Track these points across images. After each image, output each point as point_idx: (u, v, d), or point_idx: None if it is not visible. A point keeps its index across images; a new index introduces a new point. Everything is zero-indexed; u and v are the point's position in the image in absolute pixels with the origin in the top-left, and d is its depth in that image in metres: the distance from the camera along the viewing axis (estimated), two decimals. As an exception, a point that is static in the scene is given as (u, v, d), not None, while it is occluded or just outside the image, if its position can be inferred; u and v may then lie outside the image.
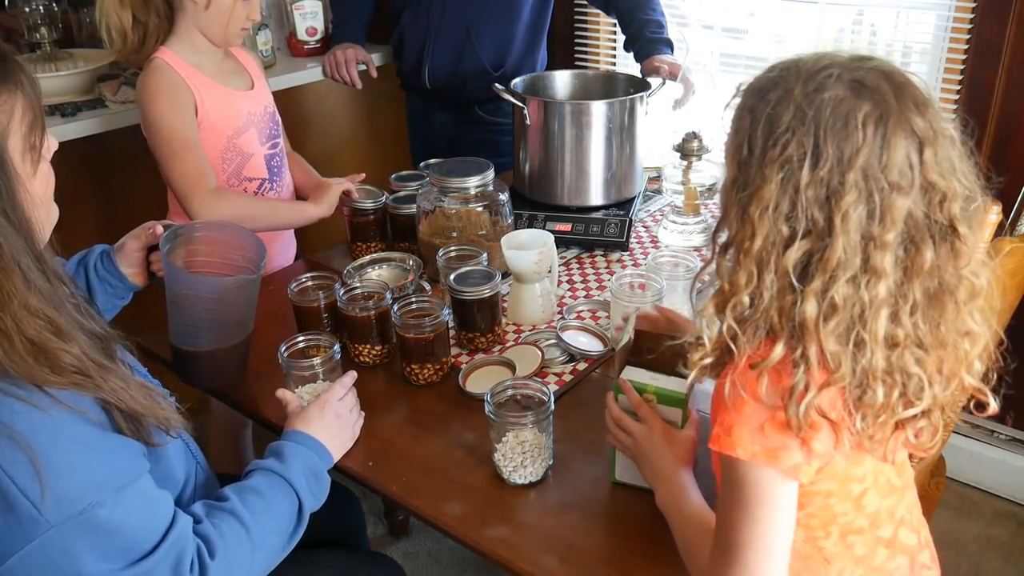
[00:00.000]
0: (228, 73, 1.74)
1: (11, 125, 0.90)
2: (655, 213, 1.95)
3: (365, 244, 1.76)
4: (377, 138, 2.88)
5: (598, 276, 1.67)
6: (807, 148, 0.77)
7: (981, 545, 2.10)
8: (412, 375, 1.34)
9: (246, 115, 1.73)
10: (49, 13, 2.26)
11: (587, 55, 2.76)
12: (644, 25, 2.09)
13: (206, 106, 1.66)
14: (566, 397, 1.31)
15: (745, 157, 0.81)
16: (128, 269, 1.31)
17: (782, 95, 0.80)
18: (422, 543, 2.16)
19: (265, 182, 1.79)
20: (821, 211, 0.77)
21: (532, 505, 1.11)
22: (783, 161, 0.78)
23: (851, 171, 0.76)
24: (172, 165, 1.62)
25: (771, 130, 0.79)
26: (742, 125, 0.83)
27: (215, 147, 1.69)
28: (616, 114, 1.74)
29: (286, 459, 1.09)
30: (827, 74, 0.79)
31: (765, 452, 0.81)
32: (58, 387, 0.85)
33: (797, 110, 0.78)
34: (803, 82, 0.79)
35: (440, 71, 2.25)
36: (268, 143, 1.79)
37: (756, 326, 0.81)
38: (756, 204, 0.79)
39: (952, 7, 2.04)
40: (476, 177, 1.59)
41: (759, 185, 0.79)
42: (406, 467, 1.18)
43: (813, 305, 0.78)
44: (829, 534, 0.92)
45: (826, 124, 0.77)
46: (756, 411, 0.81)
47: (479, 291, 1.37)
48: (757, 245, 0.79)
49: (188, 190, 1.61)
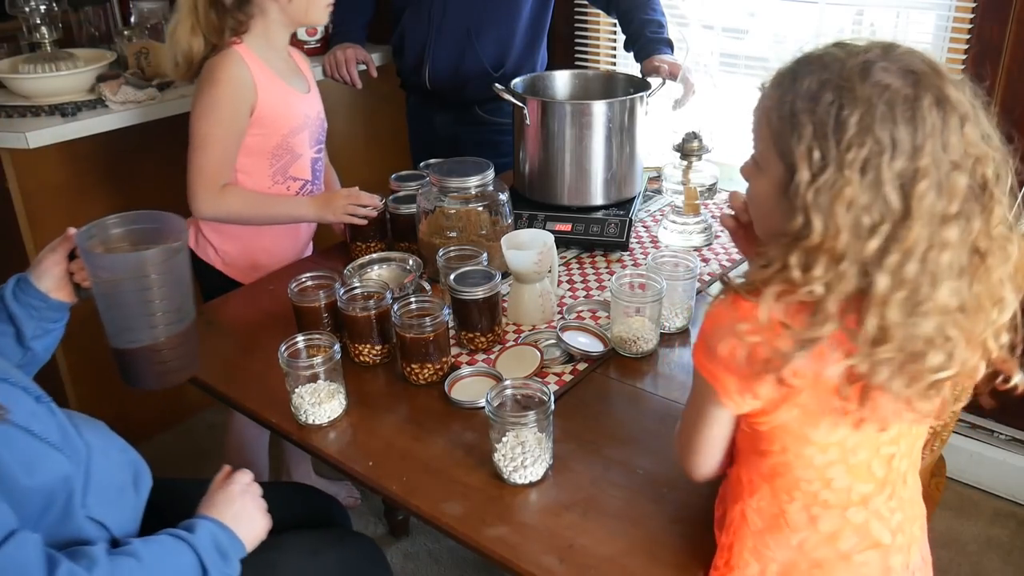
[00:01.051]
0: (289, 73, 1.77)
1: None
2: (655, 213, 1.95)
3: (364, 244, 1.77)
4: (377, 138, 2.88)
5: (598, 276, 1.67)
6: (885, 143, 0.80)
7: (981, 545, 2.10)
8: (412, 375, 1.34)
9: (302, 117, 1.77)
10: (49, 13, 2.26)
11: (587, 55, 2.76)
12: (644, 25, 2.09)
13: (269, 101, 1.69)
14: (566, 397, 1.31)
15: (818, 160, 0.82)
16: (47, 284, 1.20)
17: (841, 94, 0.82)
18: (422, 543, 2.16)
19: (308, 183, 1.83)
20: (898, 197, 0.80)
21: (532, 505, 1.11)
22: (864, 160, 0.80)
23: (923, 157, 0.80)
24: (198, 153, 1.65)
25: (842, 131, 0.81)
26: (803, 130, 0.83)
27: (269, 142, 1.73)
28: (616, 114, 1.74)
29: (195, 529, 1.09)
30: (880, 67, 0.82)
31: (709, 371, 0.91)
32: None
33: (867, 107, 0.80)
34: (860, 79, 0.81)
35: (440, 71, 2.25)
36: (315, 147, 1.83)
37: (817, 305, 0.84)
38: (840, 203, 0.81)
39: (952, 7, 2.04)
40: (476, 177, 1.59)
41: (841, 185, 0.81)
42: (406, 467, 1.18)
43: (886, 280, 0.81)
44: (793, 499, 0.95)
45: (898, 117, 0.80)
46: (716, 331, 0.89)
47: (479, 291, 1.37)
48: (843, 241, 0.81)
49: (199, 183, 1.65)
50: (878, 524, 0.97)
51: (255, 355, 1.43)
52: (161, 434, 2.55)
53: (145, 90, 2.12)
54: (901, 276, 0.82)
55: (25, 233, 2.10)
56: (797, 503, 0.95)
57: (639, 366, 1.39)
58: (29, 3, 2.23)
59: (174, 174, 1.79)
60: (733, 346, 0.86)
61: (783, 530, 0.96)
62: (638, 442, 1.21)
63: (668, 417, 1.27)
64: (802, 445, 0.93)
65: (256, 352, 1.44)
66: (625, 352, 1.40)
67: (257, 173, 1.74)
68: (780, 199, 0.88)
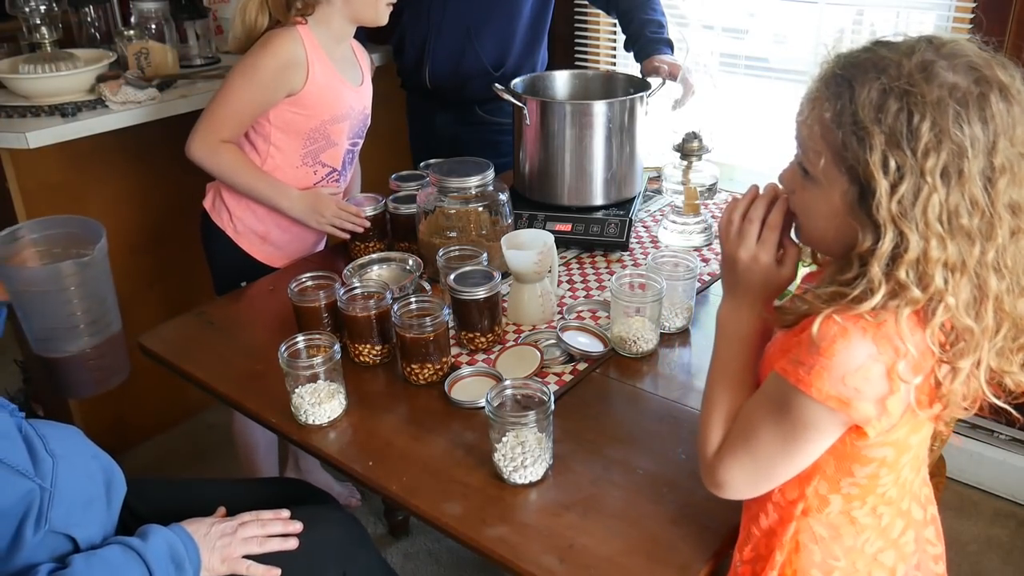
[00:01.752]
0: (346, 65, 1.80)
1: None
2: (655, 213, 1.95)
3: (364, 244, 1.77)
4: (377, 138, 2.87)
5: (598, 276, 1.67)
6: (963, 144, 0.79)
7: (981, 545, 2.10)
8: (412, 375, 1.34)
9: (347, 107, 1.79)
10: (49, 13, 2.26)
11: (587, 55, 2.76)
12: (644, 25, 2.09)
13: (317, 85, 1.71)
14: (566, 397, 1.31)
15: (895, 171, 0.80)
16: None
17: (907, 100, 0.80)
18: (422, 543, 2.16)
19: (335, 172, 1.86)
20: (984, 196, 0.80)
21: (532, 505, 1.11)
22: (943, 165, 0.79)
23: (998, 153, 0.80)
24: (217, 100, 1.70)
25: (916, 138, 0.79)
26: (873, 140, 0.81)
27: (308, 124, 1.75)
28: (616, 114, 1.74)
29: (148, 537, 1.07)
30: (943, 67, 0.80)
31: (840, 399, 0.83)
32: None
33: (940, 111, 0.79)
34: (924, 81, 0.80)
35: (440, 71, 2.25)
36: (352, 139, 1.86)
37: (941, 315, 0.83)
38: (931, 212, 0.80)
39: (952, 7, 2.04)
40: (476, 177, 1.59)
41: (928, 193, 0.80)
42: (406, 467, 1.18)
43: (994, 279, 0.83)
44: (865, 503, 0.95)
45: (971, 116, 0.79)
46: (847, 359, 0.83)
47: (479, 291, 1.37)
48: (951, 250, 0.81)
49: (203, 125, 1.70)
50: (916, 505, 1.00)
51: (255, 355, 1.43)
52: (161, 435, 2.55)
53: (145, 90, 2.12)
54: (1003, 268, 0.83)
55: (25, 233, 2.09)
56: (867, 506, 0.95)
57: (639, 366, 1.39)
58: (29, 3, 2.22)
59: (174, 174, 1.79)
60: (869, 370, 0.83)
61: (850, 535, 0.96)
62: (638, 442, 1.21)
63: (668, 417, 1.27)
64: (903, 453, 0.92)
65: (256, 352, 1.44)
66: (625, 352, 1.40)
67: (289, 151, 1.77)
68: (849, 214, 0.85)
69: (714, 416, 0.99)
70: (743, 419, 0.95)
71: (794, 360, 0.86)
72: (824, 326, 0.84)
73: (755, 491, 0.96)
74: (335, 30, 1.73)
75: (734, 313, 1.01)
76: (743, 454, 0.94)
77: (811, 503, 0.96)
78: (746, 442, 0.94)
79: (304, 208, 1.75)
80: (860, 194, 0.84)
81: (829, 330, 0.84)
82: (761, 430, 0.92)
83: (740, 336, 1.01)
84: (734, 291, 1.02)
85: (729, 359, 1.01)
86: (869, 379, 0.82)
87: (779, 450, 0.91)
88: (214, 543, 1.15)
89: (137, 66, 2.23)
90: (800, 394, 0.85)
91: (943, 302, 0.82)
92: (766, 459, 0.92)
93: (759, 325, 1.00)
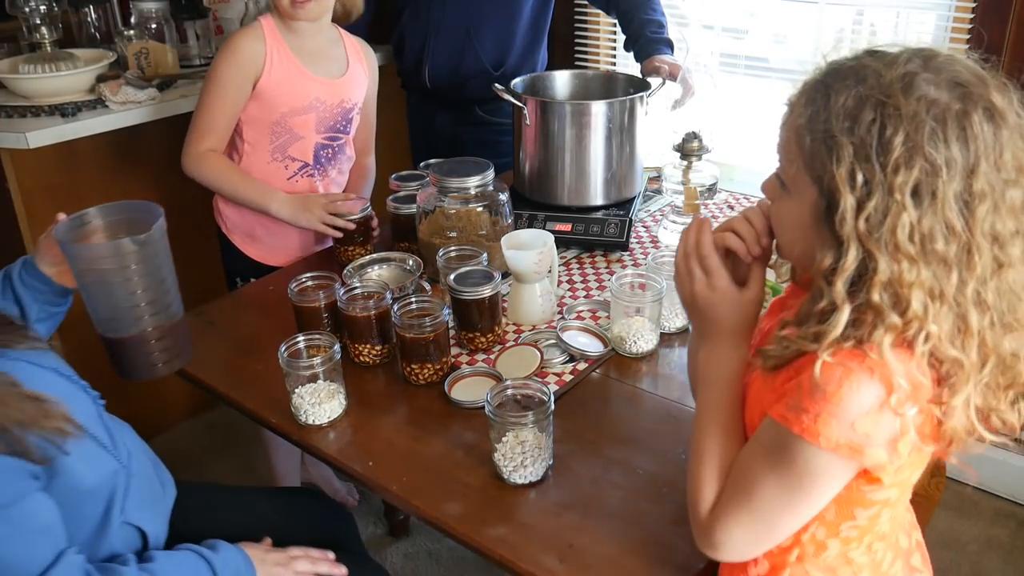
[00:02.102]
0: (318, 57, 1.80)
1: None
2: (655, 213, 1.95)
3: (346, 248, 1.75)
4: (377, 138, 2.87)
5: (598, 276, 1.67)
6: (938, 163, 0.74)
7: (981, 545, 2.10)
8: (412, 375, 1.34)
9: (310, 99, 1.79)
10: (49, 13, 2.26)
11: (587, 55, 2.76)
12: (644, 25, 2.09)
13: (272, 77, 1.73)
14: (566, 397, 1.31)
15: (862, 184, 0.76)
16: (50, 269, 1.23)
17: (882, 111, 0.76)
18: (422, 543, 2.16)
19: (307, 167, 1.85)
20: (960, 221, 0.75)
21: (532, 505, 1.11)
22: (914, 182, 0.75)
23: (979, 177, 0.75)
24: (197, 110, 1.76)
25: (887, 151, 0.75)
26: (842, 151, 0.77)
27: (269, 117, 1.77)
28: (616, 114, 1.74)
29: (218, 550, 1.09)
30: (924, 80, 0.76)
31: (851, 448, 0.78)
32: None
33: (914, 125, 0.74)
34: (903, 94, 0.75)
35: (440, 71, 2.25)
36: (324, 133, 1.84)
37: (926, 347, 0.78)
38: (900, 232, 0.75)
39: (952, 7, 2.04)
40: (476, 177, 1.59)
41: (895, 212, 0.75)
42: (406, 467, 1.18)
43: (975, 314, 0.77)
44: (862, 543, 0.91)
45: (948, 134, 0.74)
46: (855, 403, 0.77)
47: (479, 291, 1.37)
48: (925, 274, 0.76)
49: (190, 139, 1.76)
50: (903, 534, 0.97)
51: (255, 355, 1.43)
52: (161, 435, 2.55)
53: (145, 90, 2.12)
54: (984, 303, 0.78)
55: (25, 233, 2.09)
56: (863, 545, 0.92)
57: (639, 366, 1.39)
58: (29, 3, 2.22)
59: (174, 174, 1.79)
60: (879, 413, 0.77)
61: (845, 573, 0.93)
62: (638, 442, 1.21)
63: (668, 417, 1.27)
64: (905, 491, 0.89)
65: (256, 352, 1.44)
66: (625, 352, 1.40)
67: (259, 146, 1.80)
68: (815, 226, 0.82)
69: (705, 470, 0.92)
70: (739, 472, 0.88)
71: (794, 407, 0.80)
72: (827, 369, 0.78)
73: (756, 550, 0.90)
74: (288, 23, 1.75)
75: (712, 354, 0.96)
76: (742, 511, 0.87)
77: (807, 549, 0.91)
78: (745, 498, 0.87)
79: (291, 210, 1.75)
80: (827, 207, 0.79)
81: (833, 373, 0.78)
82: (761, 484, 0.85)
83: (723, 378, 0.94)
84: (705, 331, 0.97)
85: (715, 405, 0.94)
86: (879, 422, 0.78)
87: (782, 504, 0.85)
88: (269, 569, 1.18)
89: (137, 66, 2.23)
90: (805, 444, 0.79)
91: (925, 330, 0.76)
92: (768, 515, 0.86)
93: (741, 365, 0.94)
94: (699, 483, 0.92)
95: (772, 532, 0.87)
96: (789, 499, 0.84)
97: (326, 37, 1.83)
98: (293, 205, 1.76)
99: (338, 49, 1.85)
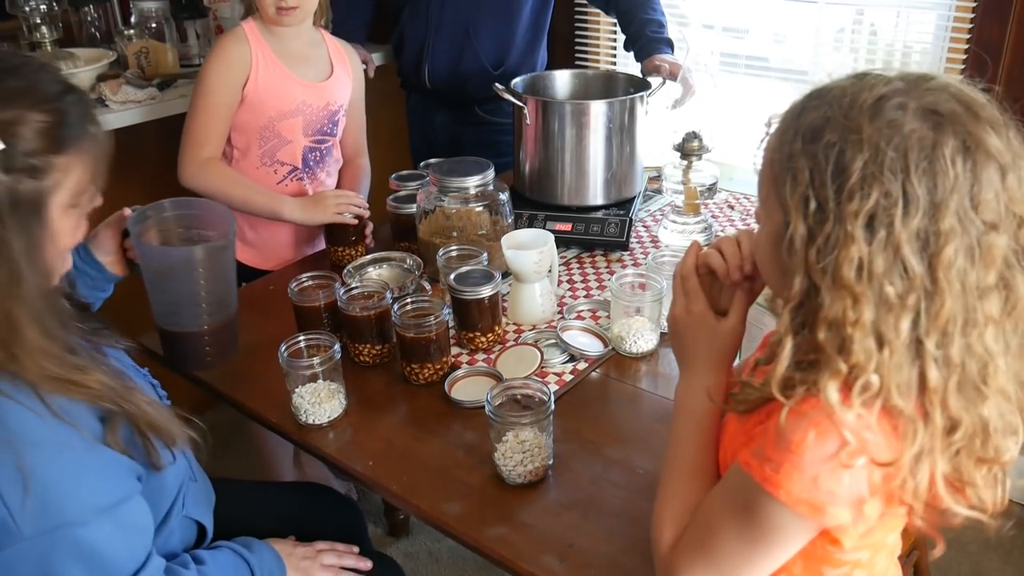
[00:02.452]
0: (301, 60, 1.79)
1: (65, 182, 0.88)
2: (655, 213, 1.95)
3: (341, 249, 1.74)
4: (377, 138, 2.87)
5: (598, 276, 1.67)
6: (895, 195, 0.68)
7: (981, 545, 2.10)
8: (412, 375, 1.34)
9: (297, 103, 1.78)
10: (49, 13, 2.26)
11: (587, 55, 2.76)
12: (645, 24, 2.09)
13: (258, 82, 1.73)
14: (566, 397, 1.31)
15: (815, 211, 0.71)
16: (105, 257, 1.26)
17: (844, 135, 0.70)
18: (422, 543, 2.16)
19: (296, 170, 1.84)
20: (920, 264, 0.69)
21: (532, 505, 1.11)
22: (867, 214, 0.69)
23: (946, 216, 0.68)
24: (190, 119, 1.74)
25: (843, 178, 0.70)
26: (798, 174, 0.72)
27: (257, 122, 1.76)
28: (616, 114, 1.74)
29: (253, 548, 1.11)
30: (895, 104, 0.70)
31: (812, 505, 0.73)
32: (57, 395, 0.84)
33: (873, 152, 0.69)
34: (869, 118, 0.70)
35: (440, 70, 2.25)
36: (313, 137, 1.83)
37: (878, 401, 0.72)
38: (847, 267, 0.69)
39: (952, 7, 2.04)
40: (476, 177, 1.59)
41: (844, 244, 0.69)
42: (406, 467, 1.18)
43: (935, 371, 0.71)
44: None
45: (910, 166, 0.68)
46: (818, 457, 0.72)
47: (479, 291, 1.37)
48: (866, 314, 0.70)
49: (186, 149, 1.73)
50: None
51: (255, 355, 1.43)
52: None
53: (145, 90, 2.12)
54: (948, 360, 0.71)
55: (25, 233, 2.09)
56: None
57: (639, 366, 1.39)
58: (29, 3, 2.22)
59: (174, 173, 1.79)
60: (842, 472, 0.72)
61: None
62: (638, 442, 1.21)
63: (668, 417, 1.25)
64: (878, 552, 0.85)
65: (256, 352, 1.44)
66: (625, 352, 1.40)
67: (248, 151, 1.79)
68: (776, 253, 0.77)
69: (668, 507, 0.89)
70: (702, 515, 0.85)
71: (759, 454, 0.76)
72: (792, 416, 0.73)
73: None
74: (271, 27, 1.74)
75: (685, 384, 0.93)
76: (699, 557, 0.83)
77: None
78: (704, 544, 0.83)
79: (304, 211, 1.74)
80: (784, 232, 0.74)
81: (799, 422, 0.73)
82: (721, 531, 0.81)
83: (693, 411, 0.91)
84: (682, 359, 0.94)
85: (684, 440, 0.91)
86: (842, 480, 0.72)
87: (742, 555, 0.80)
88: (298, 563, 1.19)
89: (137, 65, 2.23)
90: (766, 495, 0.75)
91: (864, 378, 0.70)
92: (727, 565, 0.81)
93: (714, 396, 0.90)
94: (661, 520, 0.89)
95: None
96: (749, 551, 0.80)
97: (308, 40, 1.82)
98: (304, 205, 1.74)
99: (320, 51, 1.84)
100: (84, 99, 0.91)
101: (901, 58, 2.23)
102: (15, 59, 0.87)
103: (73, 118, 0.88)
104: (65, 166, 0.87)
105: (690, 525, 0.86)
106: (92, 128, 0.91)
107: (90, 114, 0.91)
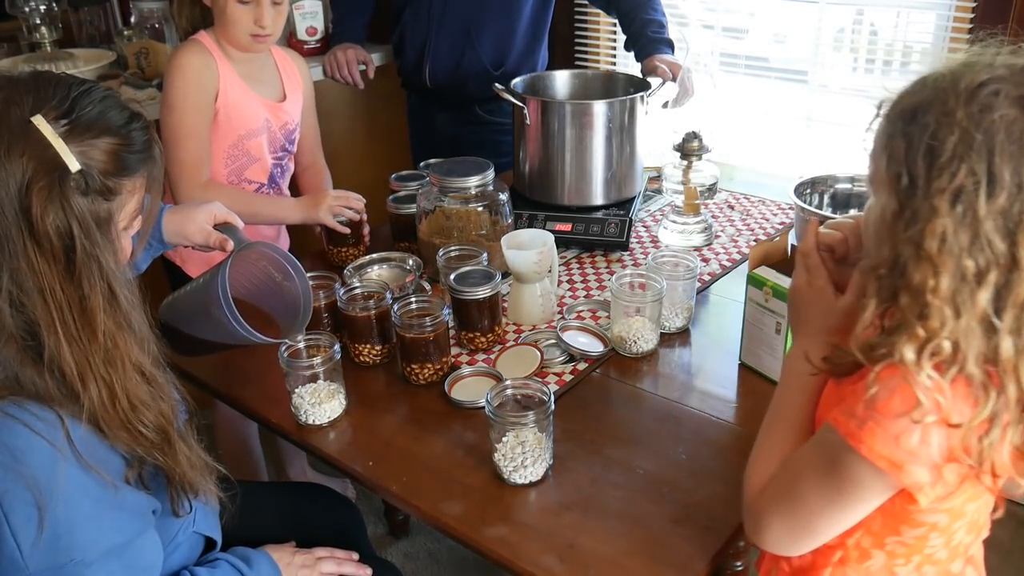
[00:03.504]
0: (257, 77, 1.75)
1: (128, 204, 0.92)
2: (655, 213, 1.95)
3: (339, 249, 1.74)
4: (377, 138, 2.88)
5: (598, 276, 1.67)
6: (980, 176, 0.73)
7: (981, 545, 2.10)
8: (412, 375, 1.34)
9: (262, 121, 1.74)
10: (49, 13, 2.26)
11: (587, 55, 2.76)
12: (645, 25, 2.09)
13: (228, 97, 1.68)
14: (566, 397, 1.31)
15: (906, 187, 0.76)
16: (174, 238, 1.29)
17: (940, 117, 0.75)
18: (422, 543, 2.16)
19: (263, 187, 1.81)
20: (1004, 242, 0.73)
21: (532, 505, 1.11)
22: (954, 191, 0.73)
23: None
24: (175, 150, 1.64)
25: (933, 157, 0.74)
26: (895, 152, 0.77)
27: (225, 141, 1.71)
28: (616, 114, 1.74)
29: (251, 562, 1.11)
30: (991, 91, 0.74)
31: (891, 462, 0.78)
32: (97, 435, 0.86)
33: (963, 134, 0.73)
34: (964, 102, 0.74)
35: (441, 70, 2.25)
36: (275, 154, 1.81)
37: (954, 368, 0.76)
38: (930, 238, 0.74)
39: (952, 7, 2.04)
40: (476, 177, 1.59)
41: (929, 218, 0.74)
42: (406, 467, 1.18)
43: (1009, 344, 0.75)
44: (909, 562, 0.90)
45: (999, 148, 0.73)
46: (900, 419, 0.77)
47: (479, 291, 1.37)
48: (944, 284, 0.74)
49: (182, 178, 1.65)
50: (971, 569, 0.96)
51: (255, 355, 1.43)
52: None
53: (145, 90, 2.12)
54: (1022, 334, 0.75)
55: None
56: (911, 564, 0.90)
57: (639, 366, 1.39)
58: (29, 3, 2.23)
59: (174, 174, 1.79)
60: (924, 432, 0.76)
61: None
62: (638, 442, 1.21)
63: (668, 417, 1.27)
64: (957, 519, 0.87)
65: (256, 352, 1.44)
66: (625, 352, 1.40)
67: (216, 171, 1.73)
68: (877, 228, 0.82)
69: (761, 457, 0.95)
70: (791, 466, 0.90)
71: (847, 412, 0.81)
72: (882, 377, 0.78)
73: (796, 547, 0.90)
74: (233, 45, 1.68)
75: (796, 350, 0.97)
76: (782, 504, 0.89)
77: (851, 554, 0.91)
78: (787, 491, 0.88)
79: (303, 211, 1.72)
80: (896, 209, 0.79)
81: (887, 382, 0.78)
82: (804, 481, 0.86)
83: (798, 376, 0.95)
84: (796, 327, 0.99)
85: (786, 401, 0.97)
86: (925, 441, 0.77)
87: (821, 506, 0.85)
88: (296, 572, 1.19)
89: (137, 66, 2.23)
90: (850, 449, 0.80)
91: (936, 342, 0.75)
92: (807, 514, 0.87)
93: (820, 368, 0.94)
94: (754, 467, 0.95)
95: (810, 532, 0.88)
96: (828, 502, 0.85)
97: (262, 59, 1.77)
98: (303, 205, 1.73)
99: (270, 66, 1.79)
100: (147, 125, 0.94)
101: (901, 58, 2.23)
102: (85, 85, 0.90)
103: (139, 144, 0.91)
104: (131, 188, 0.91)
105: (778, 474, 0.91)
106: (155, 152, 0.95)
107: (153, 138, 0.95)
